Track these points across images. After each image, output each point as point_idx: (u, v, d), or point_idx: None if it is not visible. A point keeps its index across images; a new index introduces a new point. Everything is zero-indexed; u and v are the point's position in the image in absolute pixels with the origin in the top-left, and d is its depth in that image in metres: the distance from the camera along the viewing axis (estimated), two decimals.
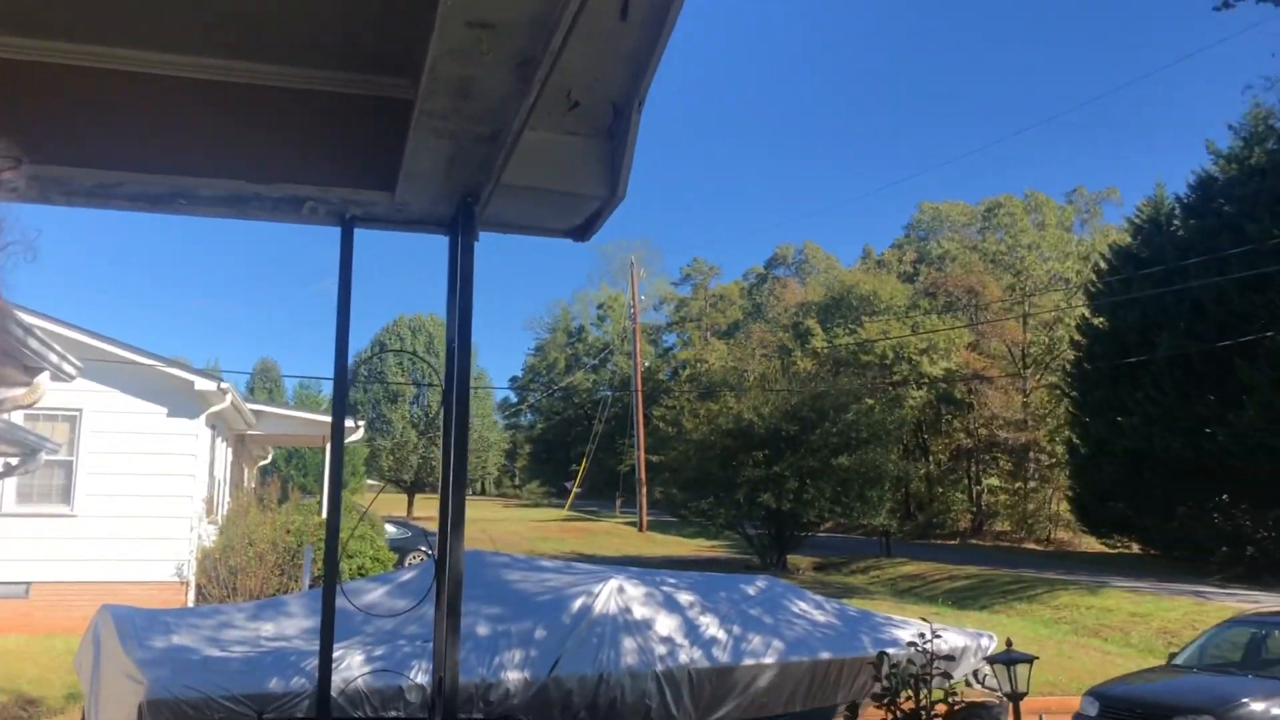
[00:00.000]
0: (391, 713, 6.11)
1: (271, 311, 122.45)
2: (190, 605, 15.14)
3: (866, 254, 71.52)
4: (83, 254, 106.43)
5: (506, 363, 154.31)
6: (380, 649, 6.51)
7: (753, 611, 8.10)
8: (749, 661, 7.25)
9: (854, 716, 6.21)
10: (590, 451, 58.55)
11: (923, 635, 6.41)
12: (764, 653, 7.36)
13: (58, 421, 15.94)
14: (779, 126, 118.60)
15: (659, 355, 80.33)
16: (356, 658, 6.30)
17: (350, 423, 23.48)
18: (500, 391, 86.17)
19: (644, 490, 44.62)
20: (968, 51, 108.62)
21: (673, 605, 7.77)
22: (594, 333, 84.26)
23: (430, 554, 21.46)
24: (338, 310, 3.15)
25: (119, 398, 16.38)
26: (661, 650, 7.06)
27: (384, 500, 51.92)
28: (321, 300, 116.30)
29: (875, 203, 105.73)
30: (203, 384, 16.93)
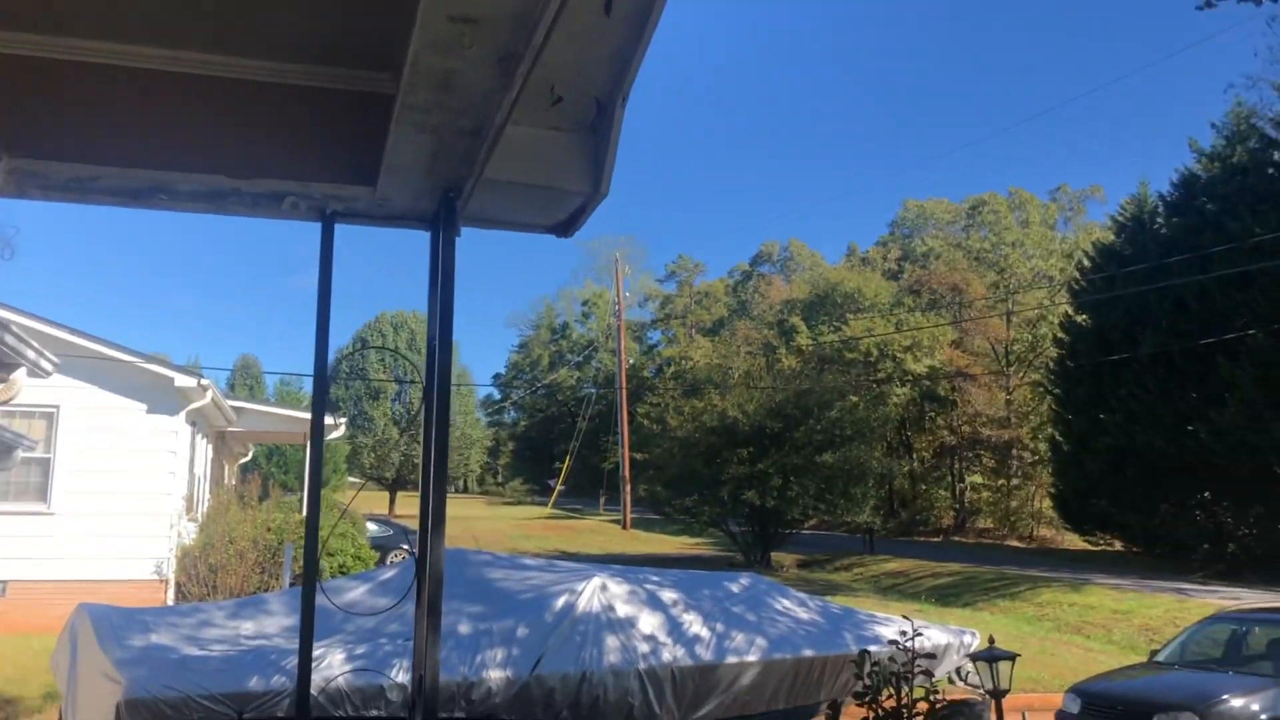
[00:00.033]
0: (373, 711, 6.07)
1: (253, 307, 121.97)
2: (169, 604, 15.05)
3: (851, 251, 71.71)
4: (61, 248, 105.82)
5: (490, 359, 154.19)
6: (361, 647, 6.47)
7: (736, 609, 8.09)
8: (732, 659, 7.24)
9: (836, 715, 6.21)
10: (574, 449, 58.50)
11: (904, 633, 6.41)
12: (747, 650, 7.36)
13: (34, 418, 15.81)
14: (764, 124, 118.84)
15: (644, 352, 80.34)
16: (337, 656, 6.26)
17: (331, 420, 23.38)
18: (483, 388, 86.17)
19: (628, 488, 44.61)
20: (953, 49, 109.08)
21: (656, 603, 7.75)
22: (578, 329, 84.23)
23: (412, 552, 21.42)
24: (318, 306, 3.12)
25: (97, 394, 16.25)
26: (644, 648, 7.04)
27: (366, 498, 51.73)
28: (303, 296, 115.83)
29: (860, 200, 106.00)
30: (183, 380, 16.81)
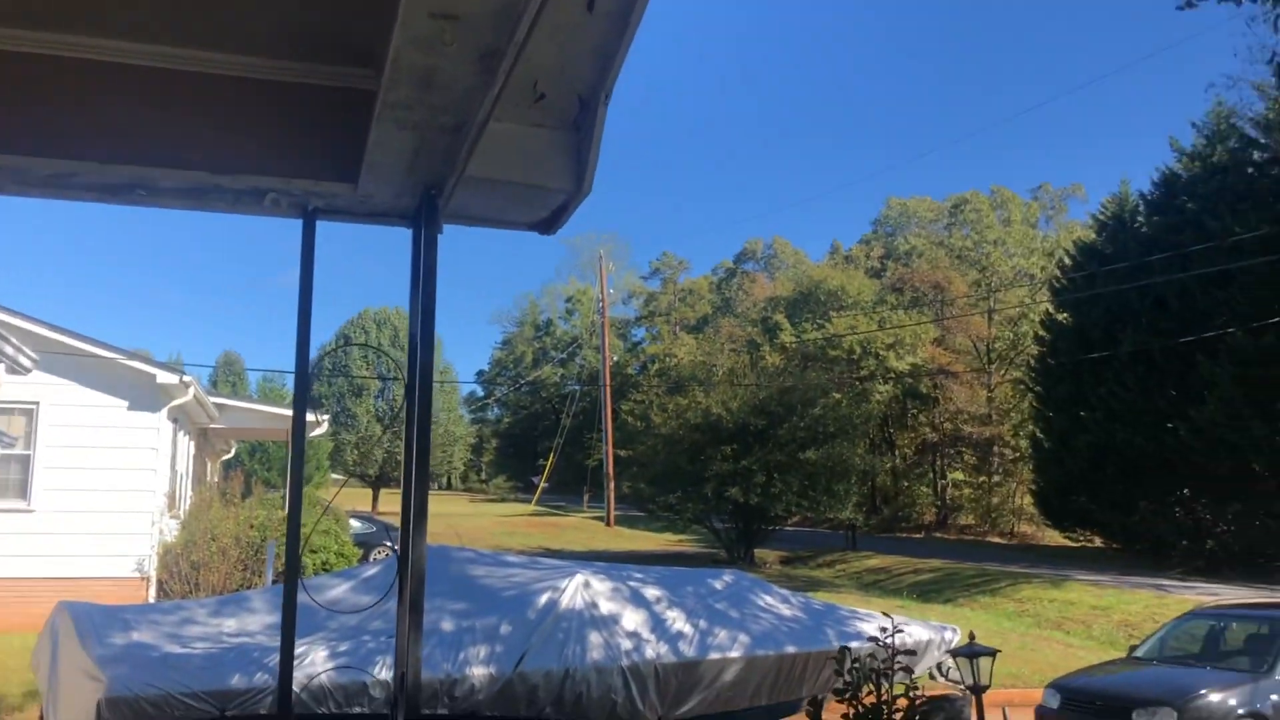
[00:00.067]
0: (355, 709, 6.06)
1: (236, 303, 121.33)
2: (151, 601, 14.97)
3: (835, 249, 71.94)
4: (40, 242, 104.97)
5: (474, 356, 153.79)
6: (344, 645, 6.45)
7: (719, 606, 8.10)
8: (715, 655, 7.25)
9: (817, 711, 6.23)
10: (558, 446, 58.46)
11: (884, 630, 6.44)
12: (730, 647, 7.37)
13: (14, 415, 15.68)
14: (748, 122, 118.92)
15: (628, 349, 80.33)
16: (320, 653, 6.24)
17: (313, 417, 23.28)
18: (466, 385, 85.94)
19: (612, 485, 44.61)
20: (936, 48, 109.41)
21: (639, 600, 7.76)
22: (562, 326, 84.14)
23: (394, 549, 21.38)
24: (299, 303, 3.11)
25: (78, 391, 16.14)
26: (627, 645, 7.05)
27: (349, 495, 51.56)
28: (287, 292, 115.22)
29: (844, 198, 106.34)
30: (165, 377, 16.71)
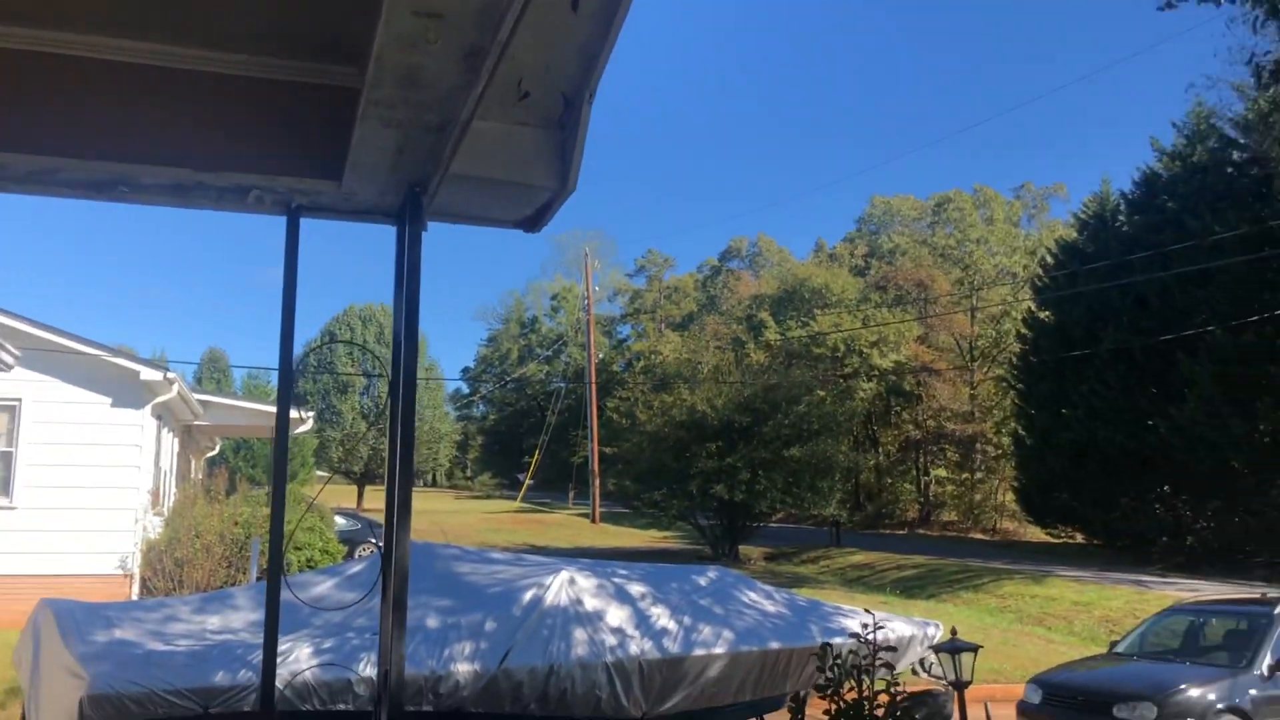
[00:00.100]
0: (340, 705, 6.05)
1: (221, 300, 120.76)
2: (134, 598, 14.90)
3: (819, 247, 72.09)
4: (23, 239, 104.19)
5: (458, 353, 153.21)
6: (328, 642, 6.44)
7: (703, 602, 8.11)
8: (699, 652, 7.27)
9: (800, 707, 6.25)
10: (543, 443, 58.42)
11: (866, 626, 6.47)
12: (714, 643, 7.39)
13: None
14: (733, 120, 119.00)
15: (613, 347, 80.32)
16: (304, 650, 6.23)
17: (298, 414, 23.20)
18: (452, 382, 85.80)
19: (597, 482, 44.62)
20: (919, 47, 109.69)
21: (624, 596, 7.77)
22: (547, 324, 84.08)
23: (379, 546, 21.22)
24: (283, 300, 3.11)
25: (61, 387, 16.04)
26: (612, 641, 7.06)
27: (334, 492, 51.40)
28: (272, 288, 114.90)
29: (828, 196, 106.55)
30: (148, 374, 16.62)
